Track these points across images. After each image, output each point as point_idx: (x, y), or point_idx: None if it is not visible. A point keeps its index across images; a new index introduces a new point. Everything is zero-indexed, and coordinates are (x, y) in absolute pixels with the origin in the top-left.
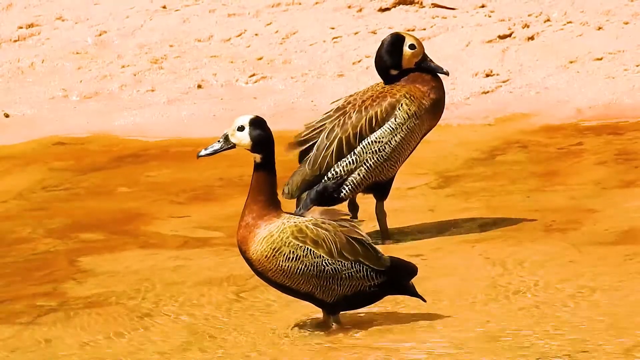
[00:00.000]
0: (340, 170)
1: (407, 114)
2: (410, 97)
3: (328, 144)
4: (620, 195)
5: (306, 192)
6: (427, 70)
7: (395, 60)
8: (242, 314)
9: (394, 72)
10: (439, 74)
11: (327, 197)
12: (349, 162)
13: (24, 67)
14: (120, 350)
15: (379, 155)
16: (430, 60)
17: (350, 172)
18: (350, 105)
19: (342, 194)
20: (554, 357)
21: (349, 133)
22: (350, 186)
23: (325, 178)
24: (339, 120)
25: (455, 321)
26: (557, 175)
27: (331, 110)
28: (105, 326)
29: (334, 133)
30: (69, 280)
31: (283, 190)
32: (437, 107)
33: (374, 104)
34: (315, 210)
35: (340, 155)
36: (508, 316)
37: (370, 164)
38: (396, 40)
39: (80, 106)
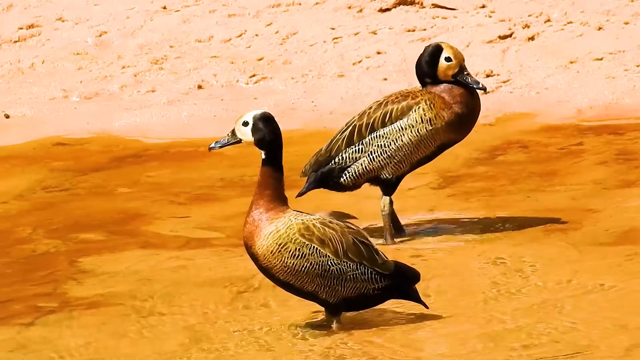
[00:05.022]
0: (346, 156)
1: (421, 118)
2: (430, 104)
3: (344, 129)
4: (621, 195)
5: (314, 173)
6: (463, 84)
7: (432, 70)
8: (242, 315)
9: (428, 80)
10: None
11: (329, 181)
12: (355, 150)
13: (25, 67)
14: (121, 350)
15: (382, 150)
16: (469, 74)
17: (354, 160)
18: (384, 100)
19: (342, 179)
20: (555, 357)
21: (363, 122)
22: (350, 174)
23: (333, 162)
24: (364, 112)
25: (456, 321)
26: (558, 175)
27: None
28: (105, 326)
29: (352, 120)
30: (69, 280)
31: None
32: (459, 122)
33: (395, 101)
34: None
35: (350, 142)
36: (509, 316)
37: (373, 157)
38: (434, 51)
39: (80, 107)
